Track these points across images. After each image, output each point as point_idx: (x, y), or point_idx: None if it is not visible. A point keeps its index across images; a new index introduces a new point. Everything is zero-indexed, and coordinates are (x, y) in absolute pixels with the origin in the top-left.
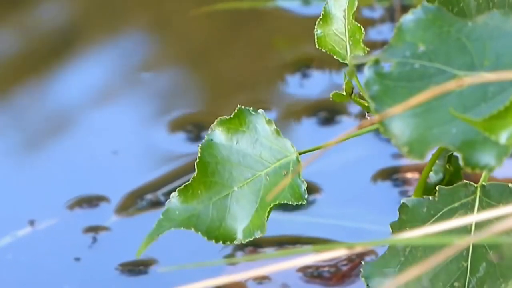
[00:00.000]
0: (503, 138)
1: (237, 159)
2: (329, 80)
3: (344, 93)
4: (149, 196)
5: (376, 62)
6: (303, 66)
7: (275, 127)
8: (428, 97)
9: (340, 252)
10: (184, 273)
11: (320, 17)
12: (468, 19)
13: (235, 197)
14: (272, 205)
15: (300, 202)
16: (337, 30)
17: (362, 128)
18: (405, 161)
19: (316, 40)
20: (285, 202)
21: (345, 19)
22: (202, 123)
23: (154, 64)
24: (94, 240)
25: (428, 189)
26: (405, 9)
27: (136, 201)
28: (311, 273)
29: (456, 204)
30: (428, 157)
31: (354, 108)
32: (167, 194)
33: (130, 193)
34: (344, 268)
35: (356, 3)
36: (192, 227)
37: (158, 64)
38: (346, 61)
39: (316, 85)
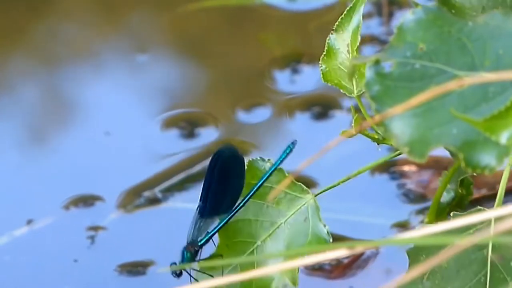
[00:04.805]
0: (503, 138)
1: (254, 213)
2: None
3: (354, 131)
4: (146, 194)
5: (377, 62)
6: (293, 61)
7: (286, 174)
8: (428, 97)
9: (341, 252)
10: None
11: (324, 52)
12: (469, 19)
13: (261, 252)
14: (300, 257)
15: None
16: (342, 64)
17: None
18: (402, 155)
19: (321, 75)
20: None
21: (349, 54)
22: (195, 120)
23: (144, 63)
24: (93, 240)
25: (440, 210)
26: (392, 3)
27: (134, 198)
28: (312, 265)
29: (471, 231)
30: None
31: (347, 103)
32: (165, 191)
33: (127, 191)
34: (346, 261)
35: (359, 38)
36: None
37: (148, 62)
38: (353, 95)
39: (307, 80)
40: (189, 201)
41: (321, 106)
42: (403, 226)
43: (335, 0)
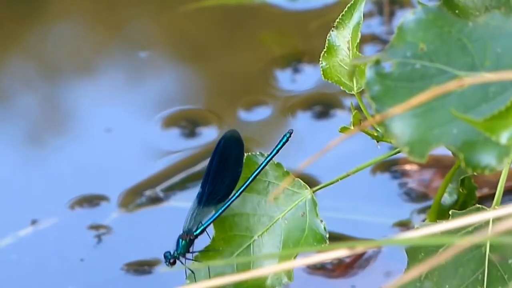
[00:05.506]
0: (504, 138)
1: (252, 207)
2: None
3: (352, 127)
4: (148, 193)
5: (377, 62)
6: (294, 61)
7: (285, 169)
8: (429, 97)
9: (342, 252)
10: None
11: (324, 49)
12: (469, 19)
13: (257, 246)
14: (296, 255)
15: (322, 245)
16: (342, 61)
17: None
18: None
19: (321, 72)
20: (309, 249)
21: (349, 51)
22: (196, 119)
23: (145, 62)
24: (99, 239)
25: (442, 211)
26: (393, 3)
27: (136, 198)
28: (314, 265)
29: (470, 229)
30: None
31: (348, 102)
32: (166, 190)
33: (129, 190)
34: (347, 260)
35: (360, 34)
36: None
37: (148, 60)
38: (353, 92)
39: (308, 79)
40: (190, 200)
41: (322, 105)
42: (404, 225)
43: None
